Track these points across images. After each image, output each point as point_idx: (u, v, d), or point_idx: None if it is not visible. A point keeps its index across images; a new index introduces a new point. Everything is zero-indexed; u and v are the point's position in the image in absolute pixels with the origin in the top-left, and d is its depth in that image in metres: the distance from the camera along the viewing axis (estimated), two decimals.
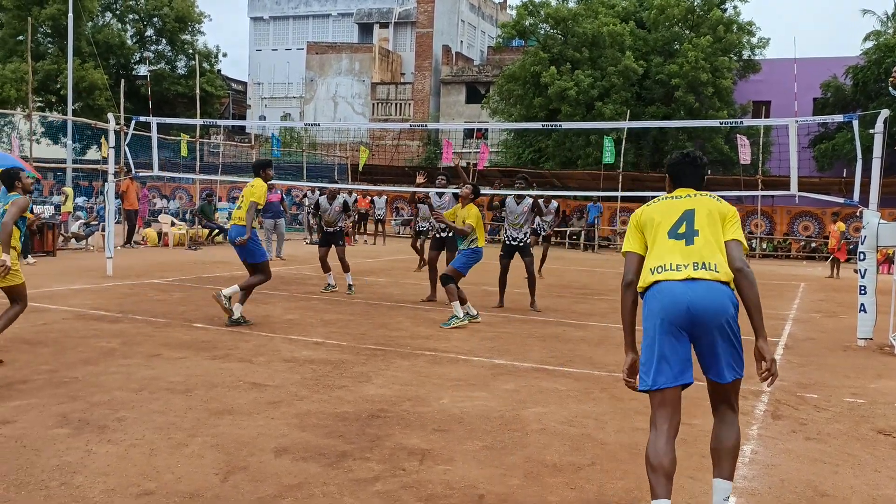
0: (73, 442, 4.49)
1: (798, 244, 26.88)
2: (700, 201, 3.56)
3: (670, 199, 3.63)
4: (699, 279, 3.36)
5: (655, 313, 3.42)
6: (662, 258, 3.46)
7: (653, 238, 3.55)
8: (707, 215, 3.50)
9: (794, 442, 5.05)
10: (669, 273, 3.41)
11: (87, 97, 39.68)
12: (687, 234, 3.46)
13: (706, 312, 3.34)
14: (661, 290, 3.41)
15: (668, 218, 3.54)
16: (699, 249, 3.43)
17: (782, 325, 10.27)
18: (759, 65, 33.83)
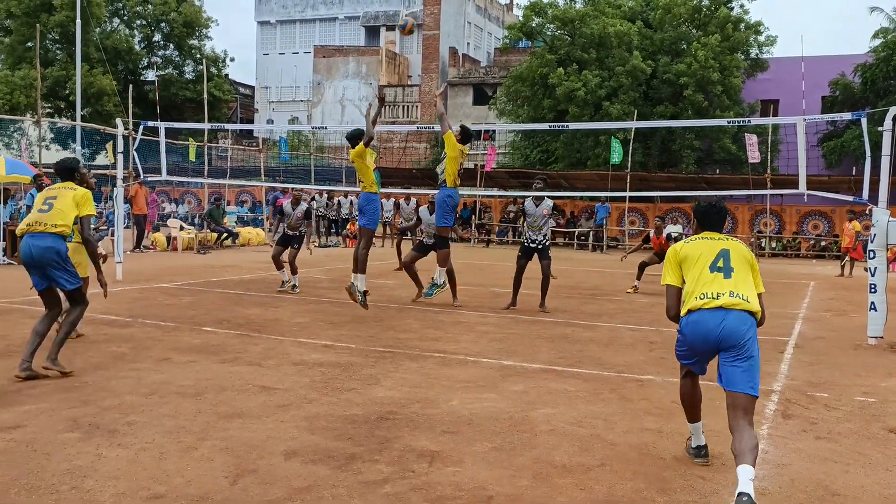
0: (83, 446, 4.51)
1: (808, 243, 26.75)
2: (732, 244, 4.37)
3: (706, 239, 4.39)
4: (736, 308, 4.10)
5: (689, 339, 4.27)
6: (705, 287, 4.18)
7: (696, 270, 4.27)
8: (740, 258, 4.29)
9: (805, 441, 5.03)
10: (709, 301, 4.13)
11: (96, 103, 39.87)
12: (724, 268, 4.22)
13: (734, 335, 4.07)
14: (697, 321, 4.17)
15: (707, 254, 4.29)
16: (734, 282, 4.17)
17: (792, 324, 10.23)
18: (766, 63, 33.72)
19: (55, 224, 6.15)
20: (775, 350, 8.28)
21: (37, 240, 6.09)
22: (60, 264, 6.15)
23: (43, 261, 6.08)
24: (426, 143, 44.14)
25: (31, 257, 6.10)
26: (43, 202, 6.30)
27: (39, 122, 21.09)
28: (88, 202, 6.39)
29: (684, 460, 4.58)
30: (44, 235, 6.10)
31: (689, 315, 4.19)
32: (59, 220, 6.19)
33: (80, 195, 6.36)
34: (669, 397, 6.05)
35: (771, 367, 7.40)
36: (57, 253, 6.12)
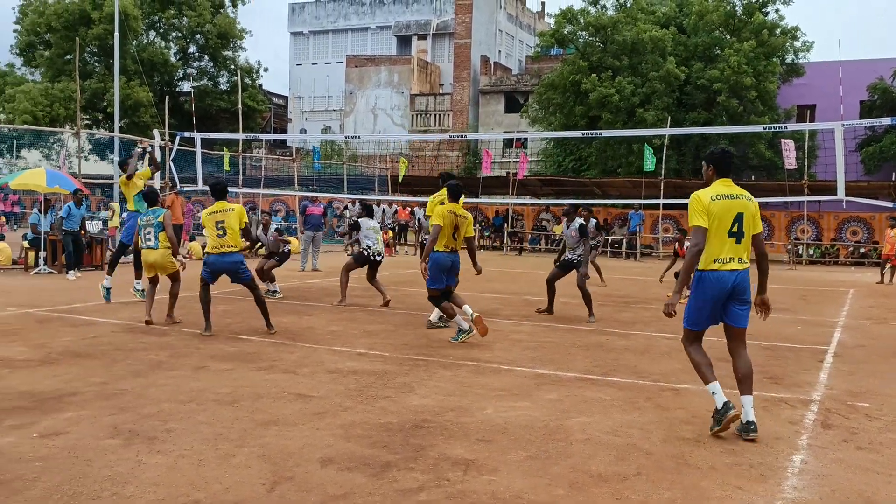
0: (123, 453, 4.58)
1: (846, 249, 26.32)
2: (746, 205, 5.20)
3: (727, 198, 5.18)
4: (741, 269, 5.20)
5: (710, 293, 5.20)
6: (722, 251, 5.16)
7: (716, 231, 5.15)
8: (750, 218, 5.21)
9: (846, 451, 4.95)
10: (723, 264, 5.15)
11: (133, 114, 40.55)
12: (738, 233, 5.16)
13: (740, 289, 5.19)
14: (718, 278, 5.16)
15: (727, 217, 5.14)
16: (743, 247, 5.22)
17: (831, 333, 10.06)
18: (802, 68, 33.31)
19: (230, 245, 8.72)
20: (814, 359, 8.16)
21: (225, 258, 8.74)
22: (242, 268, 8.87)
23: (230, 271, 8.84)
24: (458, 152, 44.20)
25: (220, 269, 8.81)
26: (216, 226, 8.68)
27: (78, 134, 21.48)
28: (244, 215, 8.88)
29: (722, 470, 4.53)
30: (229, 254, 8.74)
31: (710, 272, 5.17)
32: (232, 240, 8.72)
33: (239, 212, 8.82)
34: (706, 406, 5.99)
35: (810, 376, 7.29)
36: (241, 263, 8.85)
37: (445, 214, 8.61)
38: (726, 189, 5.23)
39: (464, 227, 8.82)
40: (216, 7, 45.82)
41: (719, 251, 5.15)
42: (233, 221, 8.72)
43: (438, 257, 8.63)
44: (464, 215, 8.81)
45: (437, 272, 8.62)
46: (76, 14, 41.32)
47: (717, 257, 5.15)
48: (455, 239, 8.73)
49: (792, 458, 4.78)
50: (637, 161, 29.28)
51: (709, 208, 5.15)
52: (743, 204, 5.19)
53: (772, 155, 29.84)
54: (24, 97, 39.85)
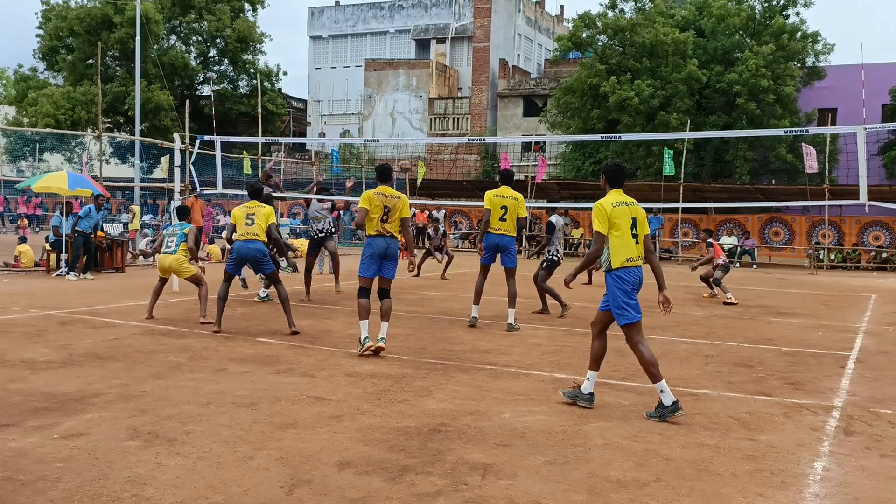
0: (143, 454, 4.60)
1: (868, 255, 26.04)
2: (637, 210, 5.87)
3: (624, 206, 5.82)
4: (640, 266, 5.83)
5: (629, 284, 5.76)
6: (629, 252, 5.76)
7: (621, 234, 5.75)
8: (642, 221, 5.88)
9: (869, 459, 4.89)
10: (634, 262, 5.77)
11: (154, 118, 40.89)
12: (636, 235, 5.81)
13: (641, 282, 5.83)
14: (630, 272, 5.76)
15: (626, 221, 5.77)
16: (640, 246, 5.84)
17: (853, 339, 9.96)
18: (823, 71, 33.04)
19: (256, 234, 9.19)
20: (836, 365, 8.08)
21: (249, 244, 9.15)
22: (266, 259, 9.38)
23: (253, 259, 9.27)
24: (476, 155, 44.20)
25: (244, 255, 9.23)
26: (246, 217, 9.28)
27: (100, 137, 21.68)
28: (273, 216, 9.47)
29: (743, 477, 4.49)
30: (253, 241, 9.21)
31: (624, 269, 5.74)
32: (258, 230, 9.25)
33: (269, 212, 9.43)
34: (726, 412, 5.95)
35: (832, 382, 7.22)
36: (265, 252, 9.34)
37: (372, 197, 7.94)
38: (621, 197, 5.85)
39: (397, 210, 8.01)
40: (236, 11, 46.13)
41: (629, 251, 5.74)
42: (261, 218, 9.30)
43: (370, 241, 7.94)
44: (394, 195, 8.06)
45: (368, 258, 7.94)
46: (98, 18, 41.74)
47: (629, 256, 5.74)
48: (385, 222, 7.93)
49: (814, 466, 4.73)
50: (656, 164, 29.14)
51: (611, 215, 5.73)
52: (635, 210, 5.84)
53: (793, 159, 29.61)
54: (47, 101, 40.30)
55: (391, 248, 7.99)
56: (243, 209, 9.46)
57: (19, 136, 46.25)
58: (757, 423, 5.66)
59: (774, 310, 13.05)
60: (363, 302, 7.93)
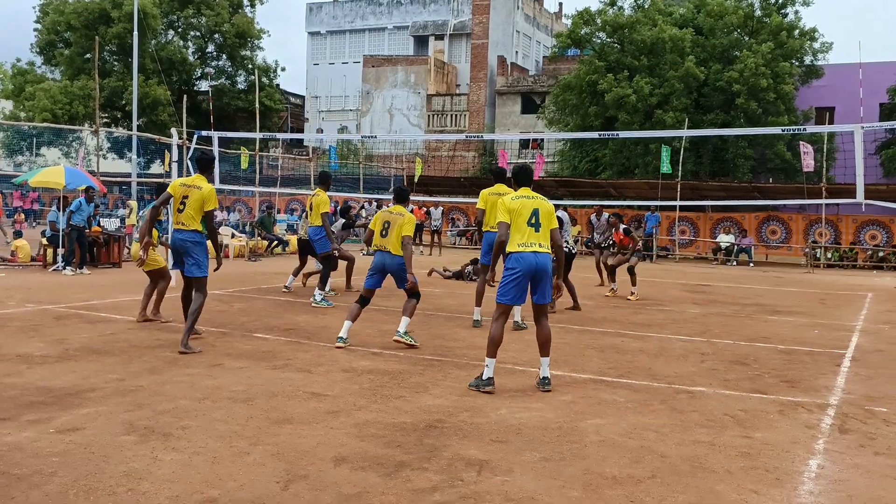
0: (139, 449, 4.61)
1: (865, 253, 26.06)
2: (541, 204, 6.43)
3: (524, 198, 6.43)
4: (541, 252, 6.29)
5: (519, 269, 6.26)
6: (524, 238, 6.29)
7: (517, 222, 6.30)
8: (545, 214, 6.38)
9: (863, 457, 4.91)
10: (528, 248, 6.27)
11: (151, 113, 40.83)
12: (536, 224, 6.31)
13: (543, 269, 6.29)
14: (523, 257, 6.26)
15: (526, 211, 6.33)
16: (541, 235, 6.33)
17: (849, 337, 9.98)
18: (821, 70, 33.06)
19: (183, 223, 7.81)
20: (832, 363, 8.10)
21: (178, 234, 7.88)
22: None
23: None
24: (474, 152, 44.18)
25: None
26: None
27: (97, 132, 21.64)
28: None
29: (738, 474, 4.50)
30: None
31: (517, 254, 6.25)
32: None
33: (207, 192, 7.77)
34: (721, 409, 5.96)
35: (827, 380, 7.24)
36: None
37: (378, 215, 8.37)
38: (524, 193, 6.48)
39: (396, 226, 8.16)
40: (234, 7, 46.05)
41: (521, 237, 6.26)
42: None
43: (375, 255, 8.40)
44: (398, 213, 8.28)
45: (370, 270, 8.32)
46: (96, 13, 41.65)
47: (520, 242, 6.26)
48: (383, 237, 8.20)
49: (808, 463, 4.74)
50: (654, 162, 29.14)
51: (510, 207, 6.34)
52: (538, 203, 6.41)
53: (791, 157, 29.63)
54: (44, 95, 40.22)
55: (388, 264, 8.16)
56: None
57: (16, 131, 46.21)
58: (752, 421, 5.68)
59: (771, 308, 13.08)
60: (353, 306, 8.38)
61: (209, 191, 7.73)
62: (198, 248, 7.71)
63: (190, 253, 7.67)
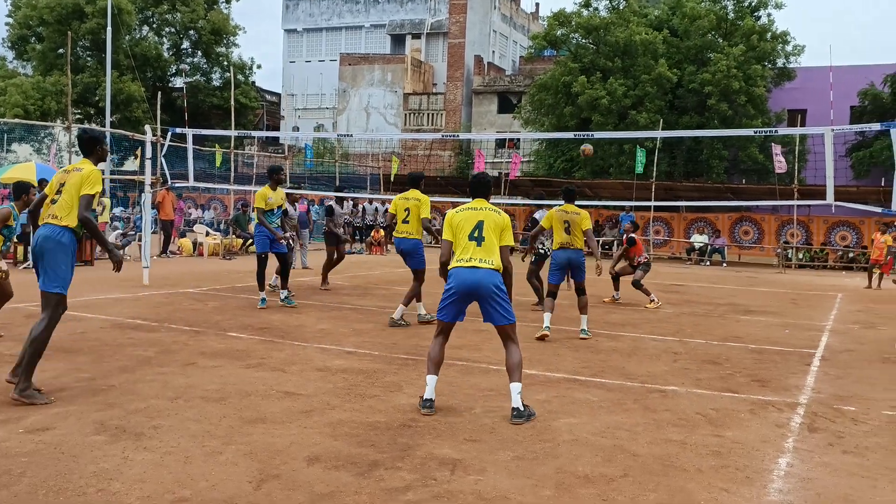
0: (109, 449, 4.56)
1: (835, 254, 26.41)
2: (488, 216, 5.83)
3: (470, 210, 5.89)
4: (479, 267, 5.66)
5: (452, 286, 5.70)
6: (464, 252, 5.75)
7: (460, 236, 5.81)
8: (491, 227, 5.78)
9: (831, 455, 4.98)
10: (466, 262, 5.69)
11: (125, 109, 40.41)
12: (479, 237, 5.75)
13: (478, 285, 5.63)
14: (457, 273, 5.70)
15: (468, 224, 5.80)
16: (484, 250, 5.73)
17: (819, 337, 10.11)
18: (793, 72, 33.44)
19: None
20: (802, 363, 8.20)
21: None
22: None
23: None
24: (450, 151, 44.20)
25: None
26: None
27: (70, 128, 21.37)
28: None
29: (708, 472, 4.55)
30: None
31: (453, 269, 5.75)
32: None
33: (87, 173, 5.75)
34: (693, 408, 6.02)
35: (797, 379, 7.33)
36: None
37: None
38: (474, 205, 5.95)
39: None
40: (210, 3, 45.71)
41: (461, 252, 5.79)
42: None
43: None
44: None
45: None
46: (69, 8, 41.15)
47: (460, 257, 5.78)
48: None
49: (778, 462, 4.80)
50: (628, 162, 29.33)
51: (451, 221, 5.89)
52: (485, 214, 5.82)
53: (763, 159, 29.94)
54: (16, 90, 39.66)
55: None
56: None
57: None
58: (723, 420, 5.73)
59: (743, 308, 13.21)
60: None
61: (90, 172, 5.75)
62: (58, 251, 5.65)
63: (45, 257, 5.67)
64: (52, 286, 5.64)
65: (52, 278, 5.64)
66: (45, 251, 5.64)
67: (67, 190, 5.71)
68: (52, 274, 5.64)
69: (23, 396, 5.40)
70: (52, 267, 5.64)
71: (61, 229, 5.67)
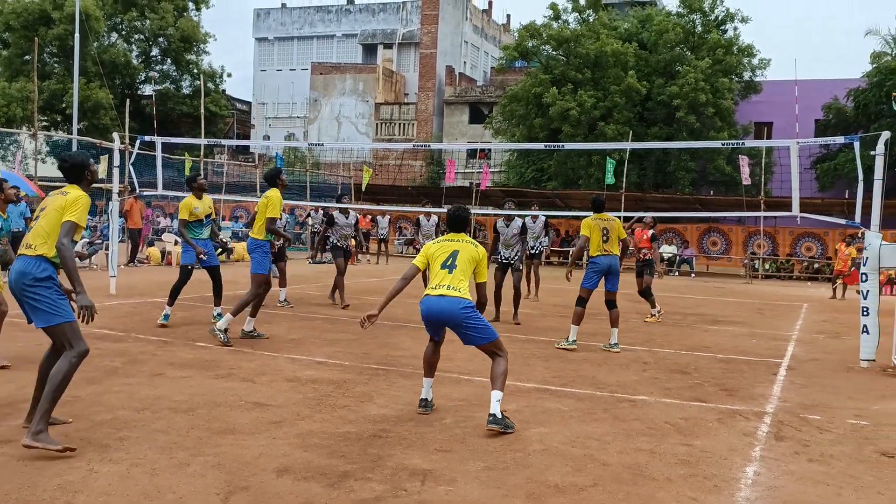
0: (74, 461, 4.49)
1: (801, 265, 26.82)
2: (464, 246, 5.99)
3: (447, 241, 6.07)
4: (447, 295, 5.76)
5: (422, 313, 5.91)
6: (435, 279, 5.90)
7: (433, 265, 5.99)
8: (465, 259, 5.91)
9: (797, 464, 5.04)
10: (436, 290, 5.82)
11: (93, 116, 39.92)
12: (450, 265, 5.89)
13: (448, 314, 5.75)
14: (426, 301, 5.86)
15: (443, 253, 5.96)
16: (454, 277, 5.83)
17: (785, 346, 10.25)
18: (760, 86, 33.95)
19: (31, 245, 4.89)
20: (768, 372, 8.30)
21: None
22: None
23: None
24: (422, 161, 44.22)
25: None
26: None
27: (36, 135, 21.10)
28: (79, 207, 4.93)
29: (677, 481, 4.58)
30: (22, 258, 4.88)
31: (424, 297, 5.90)
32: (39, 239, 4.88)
33: (72, 198, 4.91)
34: (663, 417, 6.06)
35: (764, 388, 7.42)
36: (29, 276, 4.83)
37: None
38: (451, 237, 6.13)
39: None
40: (179, 10, 45.36)
41: (433, 279, 5.93)
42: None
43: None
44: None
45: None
46: (35, 13, 40.62)
47: (431, 285, 5.91)
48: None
49: (745, 470, 4.85)
50: (597, 173, 29.55)
51: (428, 250, 6.10)
52: (462, 246, 6.00)
53: (731, 170, 30.32)
54: None
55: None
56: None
57: None
58: (692, 429, 5.79)
59: (711, 318, 13.35)
60: None
61: (76, 196, 4.90)
62: (37, 287, 4.77)
63: (25, 297, 4.82)
64: (52, 319, 4.80)
65: (47, 312, 4.80)
66: (22, 290, 4.78)
67: (47, 214, 4.87)
68: (44, 309, 4.80)
69: (36, 441, 4.59)
70: (40, 303, 4.79)
71: (36, 261, 4.79)
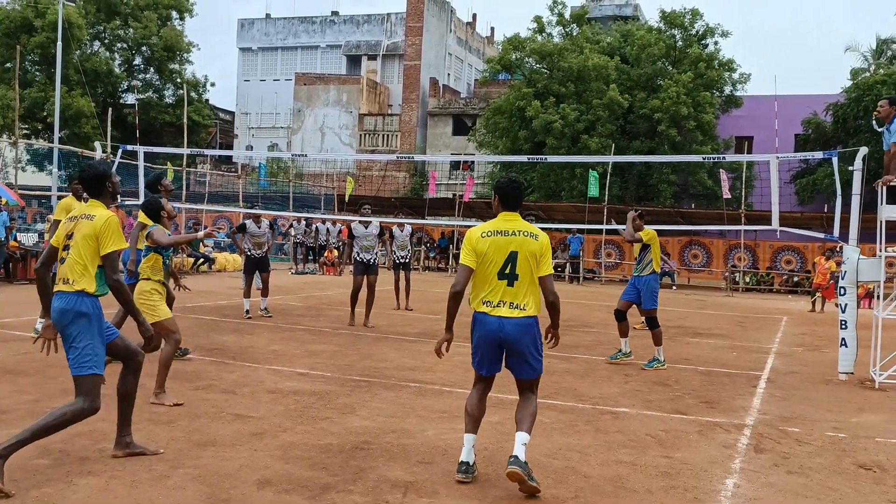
0: (53, 473, 4.45)
1: (781, 278, 27.04)
2: (522, 243, 4.67)
3: (500, 235, 4.70)
4: (511, 317, 4.65)
5: (479, 334, 4.75)
6: (489, 294, 4.69)
7: (486, 271, 4.68)
8: (525, 259, 4.66)
9: (776, 475, 5.07)
10: (493, 309, 4.67)
11: (74, 125, 39.63)
12: (510, 275, 4.65)
13: (514, 341, 4.68)
14: (484, 322, 4.70)
15: (498, 255, 4.65)
16: (516, 290, 4.66)
17: (765, 359, 10.32)
18: (740, 100, 34.28)
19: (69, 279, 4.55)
20: (749, 384, 8.36)
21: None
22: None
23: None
24: (405, 172, 44.27)
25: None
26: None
27: (16, 144, 20.95)
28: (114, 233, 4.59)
29: (658, 493, 4.60)
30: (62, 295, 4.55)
31: (478, 314, 4.74)
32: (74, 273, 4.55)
33: (101, 224, 4.55)
34: (644, 430, 6.09)
35: (744, 400, 7.46)
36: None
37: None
38: (504, 224, 4.75)
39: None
40: (163, 20, 45.22)
41: (487, 293, 4.69)
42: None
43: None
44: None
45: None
46: (17, 21, 40.36)
47: (486, 300, 4.69)
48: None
49: (725, 482, 4.88)
50: (580, 186, 29.70)
51: (476, 245, 4.69)
52: (519, 242, 4.67)
53: (713, 184, 30.57)
54: None
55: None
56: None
57: None
58: (673, 441, 5.81)
59: (692, 330, 13.42)
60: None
61: (106, 219, 4.55)
62: (79, 323, 4.49)
63: (66, 334, 4.53)
64: (83, 368, 4.51)
65: (81, 357, 4.49)
66: (64, 327, 4.49)
67: (76, 244, 4.52)
68: (80, 352, 4.49)
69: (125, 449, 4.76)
70: (78, 343, 4.49)
71: (76, 296, 4.48)
